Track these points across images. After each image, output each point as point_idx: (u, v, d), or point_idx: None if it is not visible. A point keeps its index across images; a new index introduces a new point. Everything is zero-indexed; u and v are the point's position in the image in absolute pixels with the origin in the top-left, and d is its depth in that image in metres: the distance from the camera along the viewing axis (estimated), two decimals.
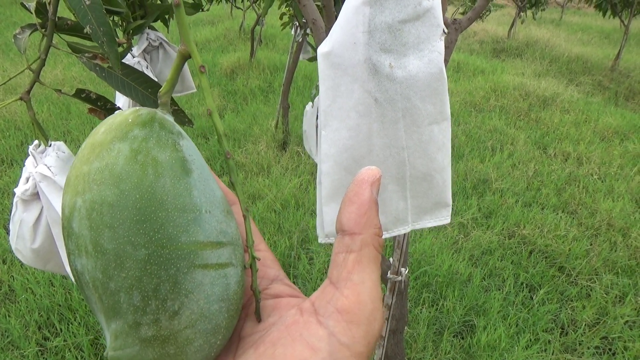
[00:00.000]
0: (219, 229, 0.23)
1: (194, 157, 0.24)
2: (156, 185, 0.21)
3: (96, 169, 0.21)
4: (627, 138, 3.41)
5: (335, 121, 0.37)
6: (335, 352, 0.20)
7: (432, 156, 0.39)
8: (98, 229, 0.21)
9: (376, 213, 0.23)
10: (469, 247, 1.99)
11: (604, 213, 2.36)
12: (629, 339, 1.60)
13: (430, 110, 0.38)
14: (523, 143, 3.20)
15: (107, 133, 0.23)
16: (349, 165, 0.38)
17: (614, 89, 4.78)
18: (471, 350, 1.47)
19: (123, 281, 0.21)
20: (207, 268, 0.22)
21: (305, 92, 3.86)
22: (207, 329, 0.22)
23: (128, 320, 0.21)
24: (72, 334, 1.48)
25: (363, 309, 0.21)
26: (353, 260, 0.22)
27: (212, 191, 0.24)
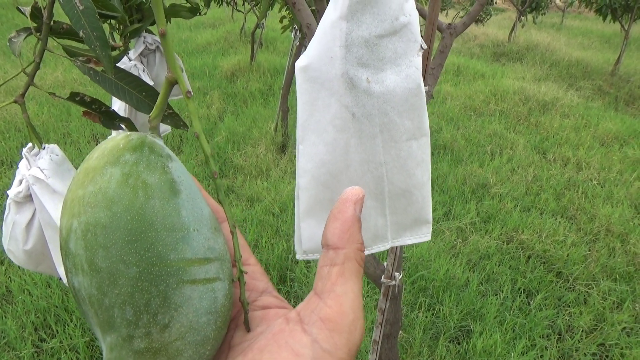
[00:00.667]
0: (207, 246, 0.25)
1: (182, 178, 0.25)
2: (146, 206, 0.23)
3: (90, 192, 0.23)
4: (626, 143, 3.41)
5: (313, 135, 0.37)
6: (318, 358, 0.22)
7: (411, 172, 0.39)
8: (93, 249, 0.22)
9: (359, 230, 0.25)
10: (467, 252, 1.99)
11: (603, 218, 2.36)
12: (626, 345, 1.60)
13: (408, 126, 0.38)
14: (522, 148, 3.20)
15: (100, 158, 0.24)
16: (326, 180, 0.38)
17: (614, 93, 4.78)
18: (467, 355, 1.47)
19: (116, 297, 0.22)
20: (195, 283, 0.23)
21: None
22: (196, 341, 0.24)
23: (122, 333, 0.22)
24: (68, 336, 1.48)
25: (345, 319, 0.23)
26: (336, 273, 0.24)
27: (200, 210, 0.25)
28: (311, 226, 0.38)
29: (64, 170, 0.75)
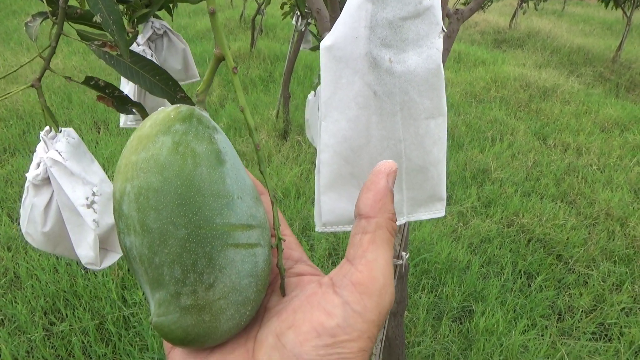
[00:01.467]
0: (249, 213, 0.26)
1: (227, 149, 0.27)
2: (194, 173, 0.24)
3: (143, 158, 0.24)
4: (627, 129, 3.42)
5: (336, 112, 0.39)
6: (349, 318, 0.23)
7: (428, 149, 0.41)
8: (145, 211, 0.24)
9: (391, 200, 0.26)
10: (468, 235, 2.02)
11: (603, 203, 2.38)
12: (625, 325, 1.63)
13: (427, 105, 0.40)
14: (523, 133, 3.21)
15: (152, 127, 0.26)
16: (348, 156, 0.39)
17: (615, 80, 4.78)
18: (469, 334, 1.50)
19: (166, 256, 0.24)
20: (238, 247, 0.25)
21: (306, 82, 3.86)
22: (237, 301, 0.25)
23: (170, 290, 0.24)
24: (78, 319, 1.51)
25: (375, 283, 0.24)
26: (368, 241, 0.25)
27: (243, 180, 0.27)
28: (331, 199, 0.40)
29: (80, 153, 0.76)
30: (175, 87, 0.83)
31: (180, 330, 0.25)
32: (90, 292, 1.61)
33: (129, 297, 1.58)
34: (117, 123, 2.93)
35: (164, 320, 0.25)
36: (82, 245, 0.75)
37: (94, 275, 1.67)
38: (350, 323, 0.23)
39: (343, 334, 0.23)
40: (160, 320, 0.25)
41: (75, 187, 0.73)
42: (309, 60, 4.31)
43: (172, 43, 1.35)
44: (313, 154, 2.67)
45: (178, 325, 0.25)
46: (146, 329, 1.45)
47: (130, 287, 1.64)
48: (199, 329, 0.25)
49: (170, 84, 0.83)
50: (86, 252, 0.75)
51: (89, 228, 0.74)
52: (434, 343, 1.47)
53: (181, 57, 1.40)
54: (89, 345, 1.44)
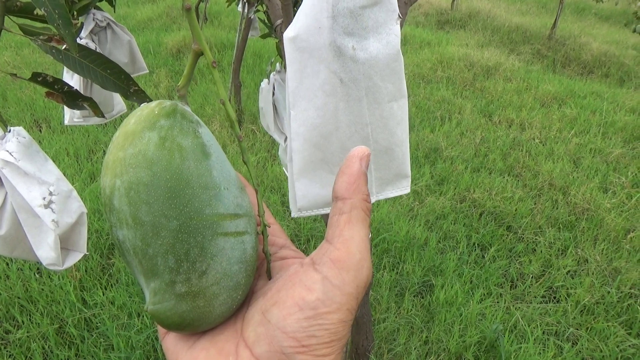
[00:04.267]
0: (236, 203, 0.27)
1: (211, 142, 0.28)
2: (182, 167, 0.25)
3: (131, 154, 0.25)
4: (564, 103, 3.61)
5: (303, 101, 0.40)
6: (328, 291, 0.25)
7: (393, 131, 0.43)
8: (136, 205, 0.25)
9: (364, 182, 0.28)
10: (424, 213, 2.09)
11: (546, 174, 2.52)
12: (571, 287, 1.75)
13: (390, 89, 0.42)
14: (470, 112, 3.33)
15: (138, 123, 0.26)
16: (318, 142, 0.41)
17: (552, 57, 5.01)
18: (431, 307, 1.57)
19: (159, 247, 0.25)
20: (228, 235, 0.27)
21: (256, 70, 3.82)
22: (229, 286, 0.27)
23: (165, 279, 0.26)
24: (36, 324, 1.46)
25: (352, 258, 0.25)
26: (344, 220, 0.27)
27: (228, 171, 0.28)
28: (305, 185, 0.42)
29: (32, 152, 0.74)
30: (128, 80, 0.81)
31: (177, 316, 0.26)
32: (46, 295, 1.55)
33: (89, 298, 1.54)
34: (60, 120, 2.80)
35: (159, 308, 0.26)
36: (42, 246, 0.73)
37: (50, 278, 1.61)
38: (330, 296, 0.24)
39: (323, 307, 0.24)
40: (156, 307, 0.26)
41: (30, 187, 0.71)
42: (257, 47, 4.27)
43: (117, 35, 1.30)
44: (268, 142, 2.66)
45: (174, 311, 0.26)
46: (110, 329, 1.42)
47: (90, 288, 1.59)
48: (194, 314, 0.26)
49: (123, 77, 0.81)
50: (47, 253, 0.73)
51: (48, 229, 0.72)
52: (398, 318, 1.53)
53: (127, 49, 1.36)
54: (50, 351, 1.40)
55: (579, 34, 5.76)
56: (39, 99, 3.01)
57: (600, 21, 7.15)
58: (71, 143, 2.53)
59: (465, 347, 1.43)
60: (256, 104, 3.09)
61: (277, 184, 2.24)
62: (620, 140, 3.05)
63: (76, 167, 2.32)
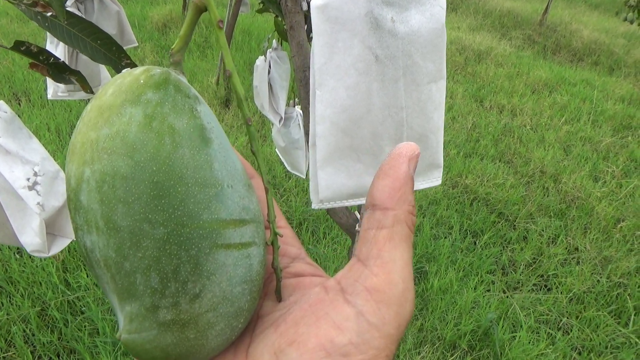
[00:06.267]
0: (242, 205, 0.22)
1: (212, 125, 0.22)
2: (174, 156, 0.19)
3: (106, 136, 0.19)
4: (555, 90, 3.61)
5: (332, 80, 0.35)
6: (364, 332, 0.19)
7: (429, 116, 0.39)
8: (110, 204, 0.19)
9: (411, 189, 0.22)
10: (418, 199, 2.06)
11: (537, 161, 2.51)
12: (562, 275, 1.75)
13: (430, 68, 0.37)
14: (461, 96, 3.30)
15: (117, 95, 0.20)
16: (347, 127, 0.36)
17: (543, 43, 5.00)
18: (425, 294, 1.55)
19: (139, 262, 0.19)
20: (230, 248, 0.21)
21: (245, 47, 3.72)
22: (229, 312, 0.21)
23: (145, 302, 0.20)
24: (17, 307, 1.40)
25: (394, 289, 0.20)
26: (384, 237, 0.21)
27: (233, 163, 0.22)
28: (329, 174, 0.37)
29: (15, 129, 0.68)
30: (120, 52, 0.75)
31: (158, 350, 0.21)
32: (27, 277, 1.49)
33: (73, 280, 1.49)
34: (40, 94, 2.68)
35: (136, 338, 0.20)
36: (25, 231, 0.68)
37: (31, 259, 1.55)
38: (366, 339, 0.19)
39: (357, 353, 0.19)
40: (132, 337, 0.20)
41: (12, 167, 0.65)
42: (247, 24, 4.15)
43: (104, 5, 1.22)
44: (258, 122, 2.60)
45: (155, 344, 0.20)
46: (95, 312, 1.37)
47: (73, 269, 1.54)
48: (181, 348, 0.21)
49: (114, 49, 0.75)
50: (31, 239, 0.68)
51: (32, 212, 0.66)
52: None
53: (115, 20, 1.29)
54: (32, 334, 1.35)
55: (569, 20, 5.75)
56: (18, 71, 2.89)
57: (590, 9, 7.15)
58: (52, 118, 2.43)
59: (459, 336, 1.42)
60: (245, 82, 3.01)
61: (268, 165, 2.19)
62: (610, 129, 3.06)
63: (57, 144, 2.23)
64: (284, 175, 2.08)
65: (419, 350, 1.38)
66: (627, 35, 5.58)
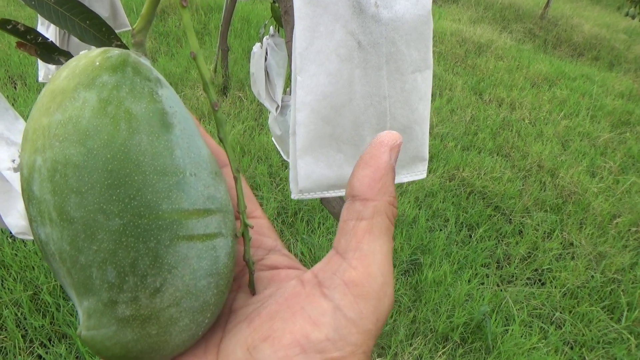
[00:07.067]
0: (207, 194, 0.21)
1: (175, 109, 0.21)
2: (131, 143, 0.18)
3: (58, 121, 0.18)
4: (554, 84, 3.59)
5: (313, 65, 0.34)
6: (341, 328, 0.19)
7: (414, 107, 0.37)
8: (62, 194, 0.18)
9: (392, 180, 0.21)
10: (414, 190, 2.05)
11: (535, 155, 2.51)
12: (556, 269, 1.75)
13: (415, 57, 0.36)
14: (460, 89, 3.28)
15: (70, 78, 0.19)
16: (327, 115, 0.35)
17: (543, 37, 4.97)
18: (419, 286, 1.55)
19: (95, 255, 0.18)
20: (193, 239, 0.20)
21: (244, 35, 3.69)
22: (193, 307, 0.20)
23: (102, 298, 0.19)
24: (9, 291, 1.39)
25: (372, 282, 0.20)
26: (364, 229, 0.20)
27: (198, 149, 0.21)
28: (309, 164, 0.36)
29: (1, 110, 0.66)
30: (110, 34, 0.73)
31: (119, 347, 0.20)
32: (20, 261, 1.48)
33: None
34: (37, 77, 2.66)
35: (95, 335, 0.19)
36: (10, 213, 0.67)
37: (23, 243, 1.54)
38: (343, 335, 0.19)
39: (334, 350, 0.18)
40: (90, 334, 0.19)
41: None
42: (246, 12, 4.11)
43: None
44: (256, 110, 2.58)
45: (115, 341, 0.19)
46: None
47: None
48: (143, 344, 0.20)
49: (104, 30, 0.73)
50: (16, 221, 0.66)
51: (17, 194, 0.65)
52: None
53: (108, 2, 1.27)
54: (23, 318, 1.34)
55: (571, 15, 5.72)
56: (14, 54, 2.85)
57: (592, 3, 7.11)
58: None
59: (452, 328, 1.42)
60: (243, 70, 2.98)
61: (264, 154, 2.17)
62: (609, 124, 3.05)
63: None
64: (280, 165, 2.07)
65: (410, 342, 1.38)
66: (628, 31, 5.56)
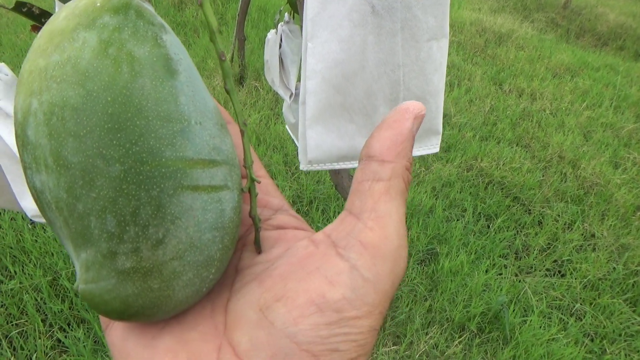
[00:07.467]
0: (212, 145, 0.20)
1: (180, 57, 0.19)
2: (133, 86, 0.17)
3: (55, 63, 0.17)
4: (577, 75, 3.50)
5: (325, 32, 0.32)
6: (358, 287, 0.18)
7: (429, 77, 0.36)
8: (59, 138, 0.17)
9: (412, 147, 0.21)
10: (431, 180, 2.03)
11: (556, 146, 2.45)
12: (577, 261, 1.71)
13: (431, 24, 0.34)
14: (480, 79, 3.22)
15: (70, 19, 0.18)
16: (339, 83, 0.33)
17: (566, 26, 4.85)
18: (435, 275, 1.53)
19: (93, 203, 0.17)
20: (198, 190, 0.19)
21: (261, 25, 3.68)
22: (197, 261, 0.19)
23: (101, 249, 0.18)
24: (29, 276, 1.42)
25: (389, 244, 0.19)
26: (380, 190, 0.20)
27: (203, 99, 0.20)
28: (319, 133, 0.34)
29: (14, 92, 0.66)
30: None
31: (118, 302, 0.19)
32: (39, 247, 1.51)
33: None
34: None
35: (94, 289, 0.19)
36: (26, 196, 0.67)
37: (43, 229, 1.56)
38: (360, 294, 0.18)
39: (351, 309, 0.18)
40: (89, 288, 0.19)
41: (13, 130, 0.64)
42: (263, 1, 4.10)
43: None
44: (271, 100, 2.57)
45: (114, 294, 0.18)
46: None
47: None
48: (144, 299, 0.19)
49: None
50: (31, 204, 0.67)
51: None
52: (401, 285, 1.49)
53: None
54: (43, 302, 1.37)
55: (595, 4, 5.57)
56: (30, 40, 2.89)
57: None
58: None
59: (468, 318, 1.40)
60: (260, 59, 2.98)
61: (280, 143, 2.17)
62: (633, 115, 2.97)
63: None
64: (295, 153, 2.06)
65: (426, 331, 1.37)
66: None
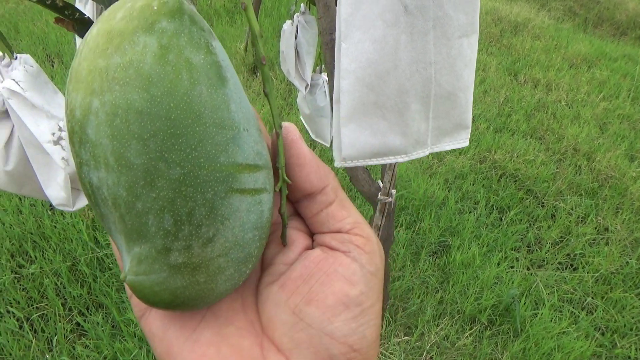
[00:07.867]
0: (256, 150, 0.21)
1: (227, 63, 0.20)
2: (192, 93, 0.18)
3: (117, 64, 0.18)
4: (594, 65, 3.45)
5: (358, 32, 0.33)
6: (369, 281, 0.22)
7: (459, 73, 0.36)
8: (123, 139, 0.18)
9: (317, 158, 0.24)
10: (443, 172, 2.03)
11: (571, 138, 2.43)
12: (589, 255, 1.71)
13: (462, 21, 0.34)
14: (495, 69, 3.19)
15: (128, 20, 0.18)
16: (372, 82, 0.34)
17: (584, 15, 4.76)
18: (447, 267, 1.54)
19: (153, 202, 0.18)
20: (244, 193, 0.20)
21: (274, 14, 3.67)
22: (239, 258, 0.21)
23: (156, 244, 0.19)
24: (49, 261, 1.45)
25: (372, 240, 0.23)
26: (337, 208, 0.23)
27: (247, 106, 0.21)
28: (353, 131, 0.35)
29: (41, 83, 0.68)
30: None
31: (167, 293, 0.20)
32: (59, 233, 1.54)
33: (102, 238, 1.53)
34: (73, 56, 2.72)
35: (144, 280, 0.20)
36: (51, 185, 0.69)
37: (62, 216, 1.60)
38: (371, 286, 0.22)
39: (366, 300, 0.22)
40: (139, 279, 0.20)
41: (38, 121, 0.66)
42: None
43: None
44: (285, 90, 2.58)
45: (165, 286, 0.20)
46: None
47: (102, 228, 1.58)
48: (190, 291, 0.20)
49: None
50: (57, 192, 0.69)
51: (57, 167, 0.67)
52: (413, 277, 1.51)
53: None
54: (62, 287, 1.40)
55: None
56: (52, 33, 2.92)
57: None
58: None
59: (479, 310, 1.41)
60: (273, 49, 2.97)
61: None
62: None
63: None
64: (309, 144, 2.07)
65: (437, 322, 1.38)
66: None
